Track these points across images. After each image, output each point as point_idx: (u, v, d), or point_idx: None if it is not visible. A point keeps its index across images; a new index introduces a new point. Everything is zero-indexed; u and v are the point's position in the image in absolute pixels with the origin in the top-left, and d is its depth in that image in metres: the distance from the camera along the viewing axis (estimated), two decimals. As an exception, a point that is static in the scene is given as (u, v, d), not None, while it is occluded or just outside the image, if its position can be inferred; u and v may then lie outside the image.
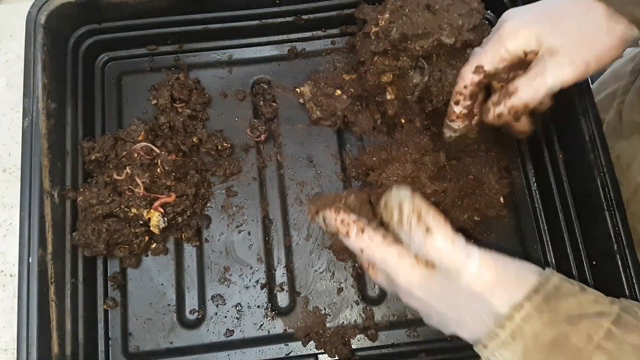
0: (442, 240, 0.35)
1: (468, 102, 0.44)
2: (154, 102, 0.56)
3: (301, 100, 0.56)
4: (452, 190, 0.49)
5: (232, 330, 0.50)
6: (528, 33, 0.41)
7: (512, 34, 0.41)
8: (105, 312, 0.51)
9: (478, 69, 0.42)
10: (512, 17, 0.42)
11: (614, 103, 0.62)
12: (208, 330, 0.51)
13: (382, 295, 0.51)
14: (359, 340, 0.50)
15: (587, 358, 0.33)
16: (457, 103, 0.45)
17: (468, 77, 0.43)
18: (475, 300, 0.35)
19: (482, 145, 0.53)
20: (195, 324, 0.51)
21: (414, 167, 0.48)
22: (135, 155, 0.50)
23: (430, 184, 0.48)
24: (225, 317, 0.51)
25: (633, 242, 0.45)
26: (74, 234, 0.49)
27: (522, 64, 0.42)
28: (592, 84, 0.62)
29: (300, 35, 0.59)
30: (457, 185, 0.50)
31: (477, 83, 0.43)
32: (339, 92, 0.55)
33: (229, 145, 0.55)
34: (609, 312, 0.34)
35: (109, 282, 0.52)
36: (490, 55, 0.42)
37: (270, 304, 0.51)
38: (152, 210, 0.50)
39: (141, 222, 0.50)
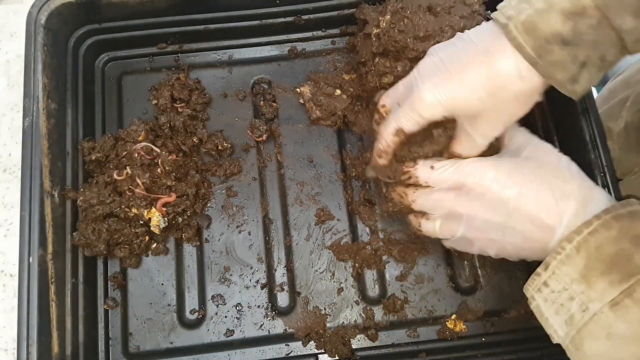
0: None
1: (390, 157, 0.45)
2: (155, 102, 0.56)
3: (301, 100, 0.56)
4: None
5: (233, 330, 0.50)
6: (441, 107, 0.40)
7: (427, 107, 0.41)
8: (106, 312, 0.51)
9: (398, 132, 0.43)
10: (424, 81, 0.41)
11: (622, 111, 0.61)
12: (208, 330, 0.51)
13: (382, 295, 0.51)
14: (359, 340, 0.50)
15: None
16: (379, 156, 0.45)
17: (389, 139, 0.43)
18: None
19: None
20: (195, 324, 0.51)
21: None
22: (136, 155, 0.50)
23: None
24: (226, 317, 0.51)
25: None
26: (74, 234, 0.49)
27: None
28: (597, 92, 0.61)
29: (300, 35, 0.59)
30: None
31: (397, 143, 0.43)
32: (339, 92, 0.55)
33: (229, 145, 0.55)
34: None
35: (109, 282, 0.52)
36: (408, 121, 0.42)
37: (270, 304, 0.51)
38: (153, 210, 0.50)
39: (141, 222, 0.50)
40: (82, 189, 0.50)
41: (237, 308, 0.51)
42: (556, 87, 0.38)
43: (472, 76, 0.39)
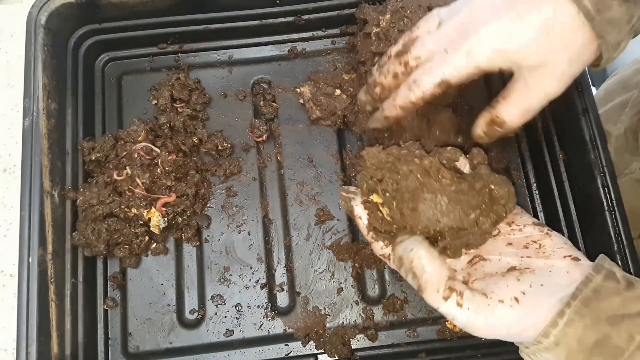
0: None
1: (412, 114, 0.40)
2: (154, 102, 0.56)
3: (301, 100, 0.56)
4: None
5: (232, 330, 0.50)
6: (505, 55, 0.35)
7: (489, 54, 0.35)
8: (105, 312, 0.51)
9: (442, 83, 0.37)
10: (485, 24, 0.35)
11: (621, 115, 0.60)
12: (208, 330, 0.51)
13: (382, 295, 0.51)
14: (358, 341, 0.50)
15: (627, 358, 0.33)
16: (402, 106, 0.39)
17: (428, 89, 0.37)
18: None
19: (481, 145, 0.53)
20: (195, 324, 0.51)
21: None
22: (136, 155, 0.50)
23: None
24: (225, 317, 0.51)
25: (633, 242, 0.45)
26: (74, 234, 0.49)
27: None
28: (595, 90, 0.61)
29: (300, 35, 0.59)
30: None
31: (433, 96, 0.38)
32: (338, 91, 0.55)
33: (229, 145, 0.55)
34: None
35: (108, 282, 0.52)
36: (458, 71, 0.36)
37: (270, 304, 0.51)
38: (152, 210, 0.50)
39: (141, 222, 0.50)
40: (81, 189, 0.50)
41: (237, 308, 0.51)
42: (601, 49, 0.34)
43: (536, 20, 0.34)
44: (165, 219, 0.50)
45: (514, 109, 0.38)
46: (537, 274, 0.38)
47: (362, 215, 0.42)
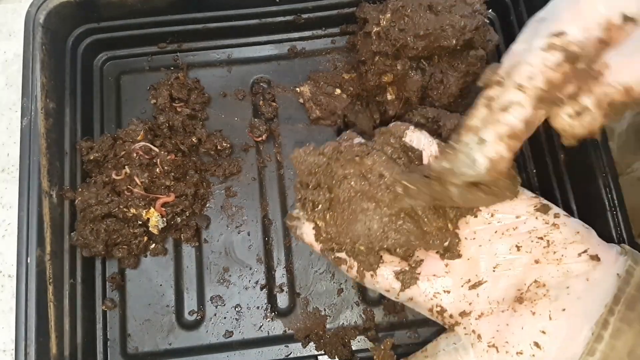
0: None
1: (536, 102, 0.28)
2: (153, 101, 0.55)
3: (301, 100, 0.56)
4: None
5: (232, 332, 0.50)
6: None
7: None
8: (104, 312, 0.51)
9: (553, 45, 0.26)
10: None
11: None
12: (207, 331, 0.50)
13: (383, 297, 0.51)
14: (359, 342, 0.50)
15: None
16: (505, 111, 0.29)
17: (537, 61, 0.27)
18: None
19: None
20: (194, 325, 0.51)
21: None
22: (134, 155, 0.50)
23: None
24: (225, 318, 0.51)
25: (635, 242, 0.45)
26: (72, 234, 0.49)
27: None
28: None
29: (300, 34, 0.59)
30: None
31: (559, 70, 0.27)
32: (338, 91, 0.55)
33: (228, 145, 0.54)
34: None
35: (107, 282, 0.51)
36: (574, 24, 0.26)
37: (269, 305, 0.51)
38: (151, 211, 0.49)
39: (140, 222, 0.50)
40: (80, 189, 0.49)
41: (236, 309, 0.51)
42: None
43: None
44: (164, 219, 0.50)
45: (632, 59, 0.27)
46: (552, 295, 0.32)
47: (315, 245, 0.39)
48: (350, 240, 0.36)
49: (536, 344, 0.31)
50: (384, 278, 0.37)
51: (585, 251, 0.33)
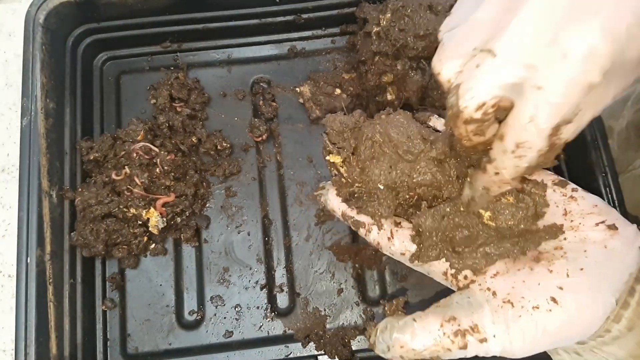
0: None
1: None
2: (153, 101, 0.55)
3: (301, 100, 0.56)
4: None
5: (232, 332, 0.50)
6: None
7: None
8: (104, 312, 0.51)
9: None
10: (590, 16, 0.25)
11: (623, 110, 0.60)
12: (207, 331, 0.50)
13: (383, 296, 0.51)
14: (359, 342, 0.50)
15: None
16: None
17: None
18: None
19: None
20: (194, 325, 0.51)
21: None
22: (134, 155, 0.50)
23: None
24: (225, 318, 0.51)
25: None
26: (72, 234, 0.49)
27: None
28: None
29: (300, 34, 0.59)
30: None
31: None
32: (338, 91, 0.55)
33: (228, 145, 0.54)
34: None
35: (107, 282, 0.51)
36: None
37: (269, 305, 0.51)
38: (151, 211, 0.49)
39: (140, 222, 0.50)
40: (80, 189, 0.49)
41: (236, 309, 0.51)
42: None
43: None
44: (164, 219, 0.50)
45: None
46: (570, 256, 0.32)
47: (336, 208, 0.40)
48: (371, 179, 0.37)
49: (553, 299, 0.30)
50: (400, 241, 0.37)
51: (603, 222, 0.33)
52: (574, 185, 0.36)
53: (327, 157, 0.40)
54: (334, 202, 0.40)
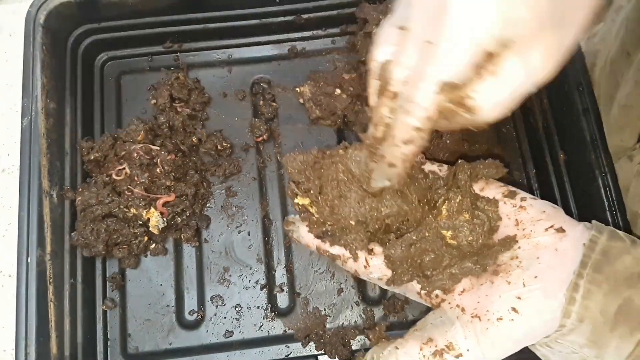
0: None
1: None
2: (154, 101, 0.55)
3: (301, 100, 0.56)
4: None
5: (232, 331, 0.50)
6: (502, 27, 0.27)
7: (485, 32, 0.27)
8: (104, 312, 0.51)
9: (446, 86, 0.29)
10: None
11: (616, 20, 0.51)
12: (207, 331, 0.50)
13: (383, 296, 0.51)
14: (359, 342, 0.50)
15: None
16: (409, 143, 0.31)
17: (428, 101, 0.29)
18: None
19: (482, 145, 0.53)
20: (194, 325, 0.51)
21: None
22: (135, 155, 0.50)
23: None
24: (225, 317, 0.51)
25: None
26: (72, 234, 0.49)
27: None
28: None
29: (300, 34, 0.59)
30: None
31: (443, 111, 0.31)
32: (338, 91, 0.55)
33: (228, 145, 0.54)
34: None
35: (107, 282, 0.51)
36: (456, 59, 0.28)
37: (270, 305, 0.51)
38: (151, 210, 0.49)
39: (140, 222, 0.50)
40: (80, 189, 0.50)
41: (237, 309, 0.51)
42: None
43: None
44: (165, 219, 0.50)
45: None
46: (525, 265, 0.35)
47: (310, 244, 0.42)
48: (342, 217, 0.39)
49: (514, 309, 0.33)
50: (377, 267, 0.40)
51: (551, 226, 0.36)
52: (523, 194, 0.39)
53: (295, 200, 0.42)
54: (307, 238, 0.42)
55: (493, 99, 0.29)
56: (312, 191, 0.40)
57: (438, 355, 0.34)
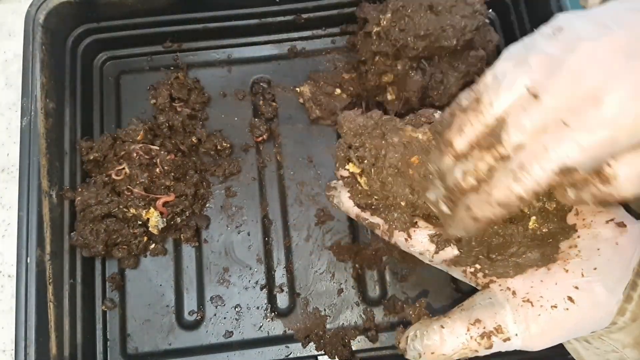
0: None
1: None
2: (153, 101, 0.55)
3: (301, 100, 0.56)
4: None
5: (232, 332, 0.50)
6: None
7: (629, 129, 0.25)
8: (104, 313, 0.51)
9: (565, 170, 0.27)
10: (618, 87, 0.25)
11: None
12: (207, 331, 0.50)
13: (383, 296, 0.51)
14: (359, 342, 0.50)
15: None
16: (504, 206, 0.29)
17: (543, 178, 0.27)
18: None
19: None
20: (194, 325, 0.51)
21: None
22: (134, 155, 0.50)
23: None
24: (225, 318, 0.51)
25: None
26: (72, 234, 0.49)
27: None
28: None
29: (300, 34, 0.59)
30: None
31: (547, 188, 0.28)
32: (338, 91, 0.55)
33: (228, 145, 0.54)
34: None
35: (107, 282, 0.51)
36: (587, 150, 0.26)
37: (269, 305, 0.51)
38: (151, 211, 0.49)
39: (140, 222, 0.50)
40: (80, 189, 0.49)
41: (236, 309, 0.51)
42: None
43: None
44: (164, 219, 0.50)
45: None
46: (584, 255, 0.33)
47: (350, 210, 0.40)
48: (392, 195, 0.36)
49: (570, 298, 0.32)
50: (419, 242, 0.38)
51: (612, 219, 0.35)
52: None
53: (347, 167, 0.39)
54: (347, 204, 0.40)
55: (637, 170, 0.27)
56: (366, 160, 0.37)
57: (486, 337, 0.33)
